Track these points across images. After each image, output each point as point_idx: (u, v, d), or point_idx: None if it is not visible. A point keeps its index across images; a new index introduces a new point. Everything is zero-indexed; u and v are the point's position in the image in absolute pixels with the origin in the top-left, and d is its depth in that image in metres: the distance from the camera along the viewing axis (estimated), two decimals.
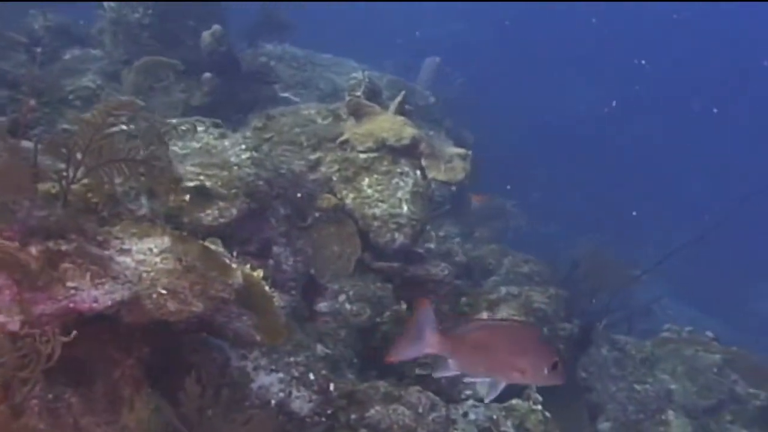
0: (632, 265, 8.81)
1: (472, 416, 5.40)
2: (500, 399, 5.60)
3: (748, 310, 15.55)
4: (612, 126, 20.40)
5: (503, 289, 6.26)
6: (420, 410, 4.87)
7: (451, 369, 3.06)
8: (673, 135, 22.39)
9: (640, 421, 6.33)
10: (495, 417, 5.42)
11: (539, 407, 5.54)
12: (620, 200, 16.72)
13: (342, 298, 5.48)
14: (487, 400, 3.18)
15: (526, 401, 5.58)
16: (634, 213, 15.99)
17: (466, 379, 3.15)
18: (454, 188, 7.28)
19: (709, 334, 7.73)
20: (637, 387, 6.68)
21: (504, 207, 10.46)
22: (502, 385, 3.08)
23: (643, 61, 22.50)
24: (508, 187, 12.27)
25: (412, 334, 2.99)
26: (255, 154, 5.81)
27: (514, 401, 5.54)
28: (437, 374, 3.17)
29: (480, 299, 6.05)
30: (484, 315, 5.92)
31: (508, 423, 5.41)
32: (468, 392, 5.61)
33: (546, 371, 2.99)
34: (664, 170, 19.92)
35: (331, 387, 4.57)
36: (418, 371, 5.48)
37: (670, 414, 6.46)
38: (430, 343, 2.98)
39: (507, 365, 3.00)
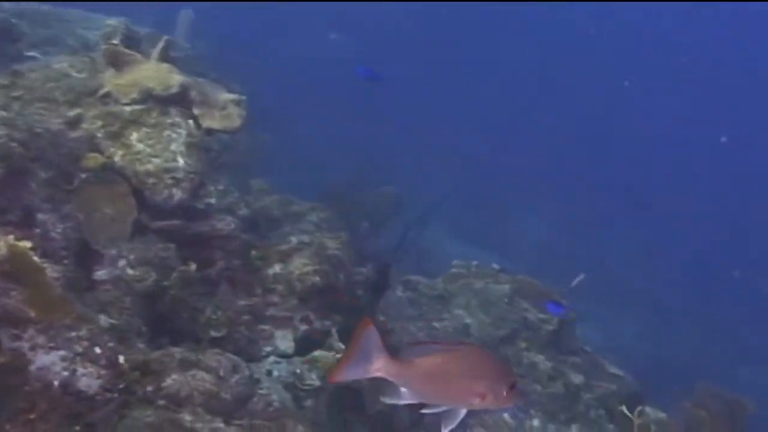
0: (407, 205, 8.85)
1: (276, 373, 5.15)
2: (302, 352, 5.38)
3: (514, 243, 16.26)
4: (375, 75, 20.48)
5: (294, 239, 5.96)
6: (221, 373, 4.54)
7: (404, 398, 2.83)
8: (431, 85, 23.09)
9: None
10: (299, 371, 5.19)
11: None
12: (387, 150, 16.88)
13: (122, 263, 4.98)
14: (445, 431, 2.96)
15: (329, 351, 5.39)
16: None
17: (424, 411, 2.86)
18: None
19: (495, 266, 7.86)
20: (436, 325, 6.67)
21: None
22: (462, 413, 2.88)
23: None
24: None
25: (357, 355, 2.72)
26: (4, 113, 5.17)
27: (317, 353, 5.33)
28: (389, 401, 2.88)
29: (271, 251, 5.74)
30: (277, 268, 5.63)
31: (313, 375, 5.19)
32: (268, 348, 5.34)
33: (505, 393, 2.87)
34: (425, 119, 20.39)
35: (121, 359, 4.13)
36: (213, 333, 5.13)
37: None
38: (377, 367, 2.72)
39: (466, 392, 2.84)
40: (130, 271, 4.96)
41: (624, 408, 4.63)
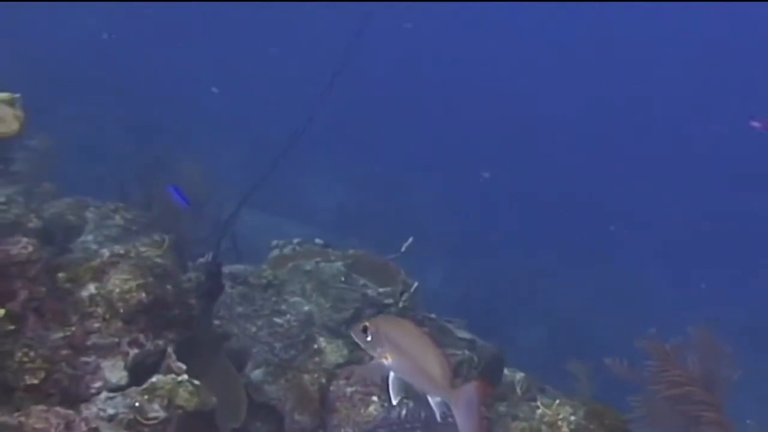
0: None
1: (111, 411, 4.42)
2: (137, 381, 4.70)
3: (313, 207, 15.88)
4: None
5: (105, 252, 5.11)
6: None
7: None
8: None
9: (294, 358, 5.68)
10: (138, 404, 4.49)
11: (185, 377, 4.70)
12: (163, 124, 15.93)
13: None
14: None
15: (168, 374, 4.72)
16: None
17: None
18: None
19: (319, 241, 7.28)
20: (278, 320, 6.01)
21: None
22: None
23: None
24: None
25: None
26: None
27: (154, 379, 4.64)
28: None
29: (81, 270, 4.89)
30: (92, 288, 4.82)
31: (156, 406, 4.51)
32: (98, 384, 4.59)
33: None
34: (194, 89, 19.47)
35: None
36: (29, 379, 4.33)
37: (321, 341, 5.85)
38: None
39: None
40: None
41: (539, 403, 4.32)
